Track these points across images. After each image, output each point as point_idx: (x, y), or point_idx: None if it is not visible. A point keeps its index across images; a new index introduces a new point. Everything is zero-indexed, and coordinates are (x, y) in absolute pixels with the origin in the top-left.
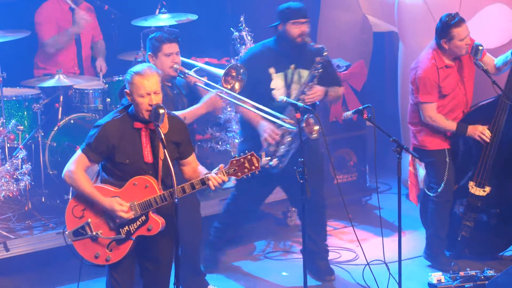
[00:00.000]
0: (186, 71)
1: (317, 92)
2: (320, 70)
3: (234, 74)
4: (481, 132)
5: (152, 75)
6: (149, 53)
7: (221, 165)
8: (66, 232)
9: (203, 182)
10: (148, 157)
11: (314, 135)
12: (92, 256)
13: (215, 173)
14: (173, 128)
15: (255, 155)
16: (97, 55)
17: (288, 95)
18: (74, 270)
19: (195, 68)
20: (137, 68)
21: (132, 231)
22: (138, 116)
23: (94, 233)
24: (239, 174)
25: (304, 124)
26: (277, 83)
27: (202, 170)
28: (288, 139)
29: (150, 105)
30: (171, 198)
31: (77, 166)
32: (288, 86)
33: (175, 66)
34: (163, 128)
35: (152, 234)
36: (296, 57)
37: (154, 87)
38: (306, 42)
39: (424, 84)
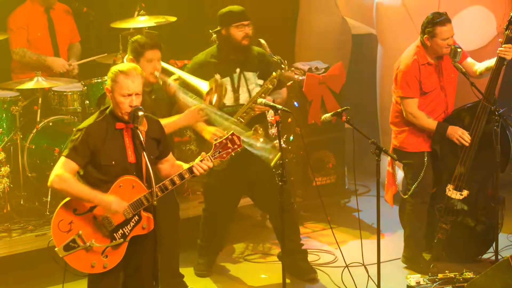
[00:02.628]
0: (167, 81)
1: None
2: (276, 85)
3: (213, 86)
4: (460, 135)
5: (137, 76)
6: (130, 57)
7: (203, 153)
8: (56, 249)
9: (191, 171)
10: (131, 157)
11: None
12: (88, 266)
13: (200, 161)
14: (151, 125)
15: (235, 134)
16: (70, 58)
17: (237, 99)
18: (52, 273)
19: (174, 77)
20: (122, 67)
21: (127, 233)
22: (117, 115)
23: (87, 244)
24: (224, 155)
25: (252, 131)
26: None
27: (180, 163)
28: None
29: (130, 106)
30: (162, 192)
31: (64, 170)
32: (235, 90)
33: (155, 73)
34: (143, 126)
35: (147, 232)
36: (240, 61)
37: (137, 88)
38: (250, 44)
39: (404, 79)
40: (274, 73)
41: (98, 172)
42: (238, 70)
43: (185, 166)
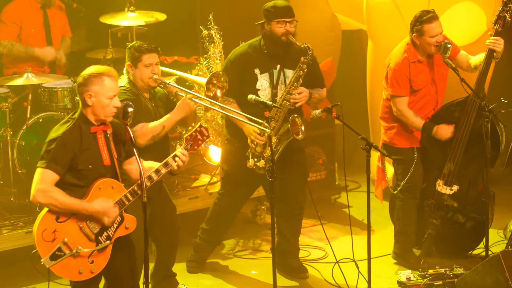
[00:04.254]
0: (166, 81)
1: (302, 93)
2: (305, 70)
3: (215, 81)
4: (441, 133)
5: (116, 76)
6: (128, 62)
7: (177, 147)
8: (42, 260)
9: (166, 164)
10: (106, 159)
11: (300, 136)
12: (76, 273)
13: (173, 157)
14: (116, 128)
15: (203, 126)
16: (59, 48)
17: (275, 95)
18: (43, 271)
19: (174, 77)
20: (99, 69)
21: (111, 235)
22: (99, 118)
23: (74, 250)
24: (195, 147)
25: (290, 125)
26: (262, 83)
27: (150, 163)
28: (274, 140)
29: (115, 107)
30: (141, 190)
31: (47, 183)
32: (274, 86)
33: (154, 76)
34: (109, 129)
35: (131, 232)
36: (282, 57)
37: (118, 88)
38: (291, 41)
39: (395, 77)
40: (302, 58)
41: (73, 177)
42: (278, 66)
43: (157, 164)
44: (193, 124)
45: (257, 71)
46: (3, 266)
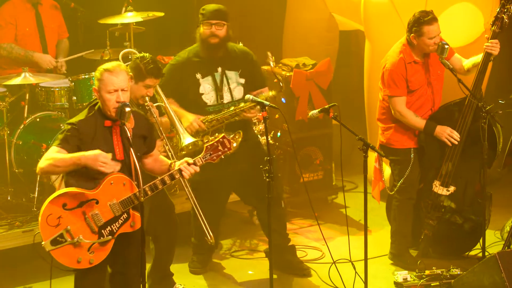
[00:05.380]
0: (152, 108)
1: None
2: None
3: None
4: (449, 134)
5: (121, 72)
6: (130, 73)
7: (187, 159)
8: (43, 243)
9: (172, 177)
10: (119, 154)
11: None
12: (74, 261)
13: (188, 163)
14: (139, 122)
15: (226, 137)
16: (58, 55)
17: (220, 97)
18: (40, 269)
19: (157, 104)
20: (106, 65)
21: (115, 230)
22: (106, 113)
23: (75, 239)
24: (214, 158)
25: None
26: (205, 87)
27: (163, 158)
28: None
29: (118, 102)
30: (152, 191)
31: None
32: (218, 89)
33: (146, 98)
34: (129, 123)
35: (135, 230)
36: (222, 60)
37: (123, 84)
38: (217, 44)
39: (391, 77)
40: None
41: (86, 168)
42: (219, 69)
43: (168, 161)
44: (216, 134)
45: (198, 76)
46: (0, 265)
